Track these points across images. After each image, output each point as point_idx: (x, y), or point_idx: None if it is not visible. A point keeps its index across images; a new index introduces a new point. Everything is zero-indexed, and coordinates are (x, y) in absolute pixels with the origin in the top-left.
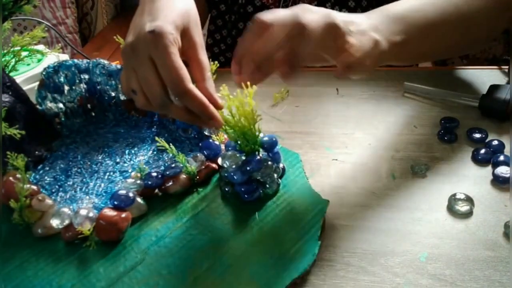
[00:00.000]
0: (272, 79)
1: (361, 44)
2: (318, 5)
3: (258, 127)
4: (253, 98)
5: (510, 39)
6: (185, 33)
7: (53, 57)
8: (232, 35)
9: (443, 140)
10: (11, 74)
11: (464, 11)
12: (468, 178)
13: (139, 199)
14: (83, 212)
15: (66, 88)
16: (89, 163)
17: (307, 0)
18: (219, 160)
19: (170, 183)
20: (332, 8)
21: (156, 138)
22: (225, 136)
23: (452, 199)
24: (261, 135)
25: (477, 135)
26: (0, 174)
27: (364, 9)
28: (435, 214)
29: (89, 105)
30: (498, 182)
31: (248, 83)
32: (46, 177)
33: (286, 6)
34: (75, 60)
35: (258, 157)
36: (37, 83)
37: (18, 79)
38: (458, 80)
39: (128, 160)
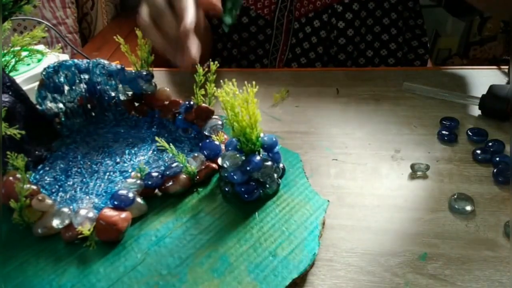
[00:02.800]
0: (272, 79)
1: None
2: (315, 16)
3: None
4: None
5: (510, 39)
6: None
7: (53, 57)
8: (227, 47)
9: (443, 140)
10: (11, 74)
11: None
12: (468, 178)
13: (139, 199)
14: (83, 212)
15: (66, 88)
16: (89, 163)
17: (304, 11)
18: (219, 160)
19: (170, 183)
20: (329, 19)
21: (156, 138)
22: (225, 136)
23: (452, 199)
24: (261, 135)
25: (477, 135)
26: (0, 174)
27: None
28: (435, 214)
29: (89, 105)
30: (499, 182)
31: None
32: (46, 177)
33: (282, 16)
34: (75, 60)
35: (258, 157)
36: (37, 83)
37: (18, 79)
38: (458, 80)
39: (128, 160)
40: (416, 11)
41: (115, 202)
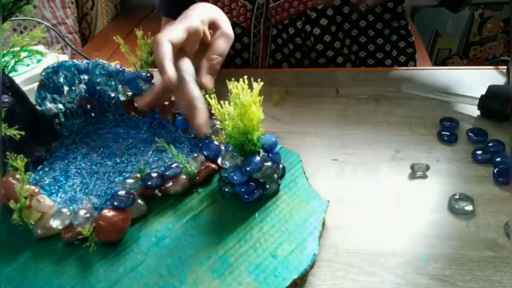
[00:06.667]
0: (272, 79)
1: None
2: (289, 24)
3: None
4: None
5: (510, 39)
6: (213, 25)
7: (52, 58)
8: None
9: (443, 140)
10: (10, 74)
11: None
12: (468, 178)
13: (139, 200)
14: (83, 212)
15: (66, 88)
16: (88, 163)
17: (279, 18)
18: (219, 161)
19: (170, 184)
20: (303, 26)
21: (156, 139)
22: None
23: (452, 199)
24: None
25: (477, 135)
26: (0, 175)
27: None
28: (436, 214)
29: (88, 106)
30: (499, 182)
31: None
32: (45, 178)
33: (258, 23)
34: (75, 61)
35: (258, 158)
36: (37, 83)
37: (18, 80)
38: (458, 80)
39: (128, 160)
40: (397, 12)
41: (115, 203)
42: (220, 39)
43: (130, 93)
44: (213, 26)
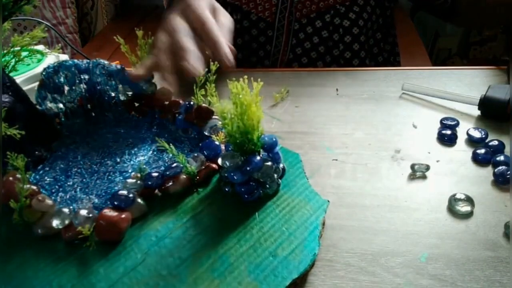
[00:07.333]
0: (272, 79)
1: None
2: (317, 17)
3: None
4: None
5: (510, 39)
6: (212, 13)
7: (53, 57)
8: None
9: (443, 140)
10: (11, 74)
11: None
12: (468, 178)
13: (139, 200)
14: (83, 212)
15: (66, 88)
16: (89, 163)
17: (306, 12)
18: (219, 160)
19: (170, 183)
20: (332, 19)
21: (156, 139)
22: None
23: (452, 199)
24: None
25: (477, 135)
26: (0, 174)
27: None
28: (435, 214)
29: (89, 105)
30: (499, 182)
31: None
32: (46, 177)
33: (282, 17)
34: (75, 60)
35: (258, 157)
36: (37, 83)
37: (18, 79)
38: (458, 80)
39: (128, 160)
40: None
41: (115, 202)
42: (221, 17)
43: (130, 93)
44: (212, 14)
